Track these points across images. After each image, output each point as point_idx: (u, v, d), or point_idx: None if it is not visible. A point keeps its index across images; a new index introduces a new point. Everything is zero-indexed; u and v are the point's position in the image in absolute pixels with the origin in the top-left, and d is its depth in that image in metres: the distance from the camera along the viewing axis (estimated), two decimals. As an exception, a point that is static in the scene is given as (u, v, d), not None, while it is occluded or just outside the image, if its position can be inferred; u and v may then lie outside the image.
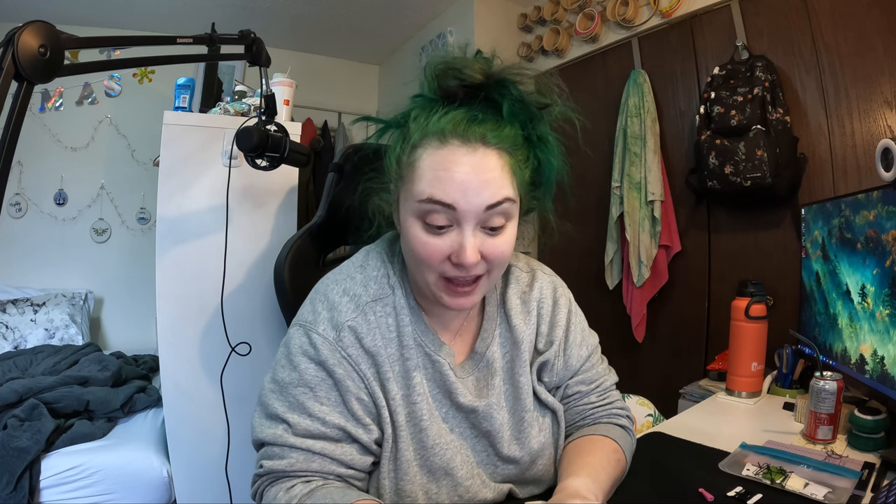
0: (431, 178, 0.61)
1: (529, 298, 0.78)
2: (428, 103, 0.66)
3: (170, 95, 1.66)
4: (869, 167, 1.46)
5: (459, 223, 0.61)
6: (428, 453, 0.67)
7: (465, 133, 0.62)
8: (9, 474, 1.41)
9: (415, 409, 0.67)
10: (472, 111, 0.64)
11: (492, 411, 0.71)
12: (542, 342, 0.76)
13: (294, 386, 0.64)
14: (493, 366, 0.73)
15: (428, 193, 0.60)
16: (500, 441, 0.71)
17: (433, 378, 0.70)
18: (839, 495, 0.74)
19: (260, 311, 1.44)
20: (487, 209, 0.61)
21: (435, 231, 0.62)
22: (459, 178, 0.60)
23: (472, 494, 0.69)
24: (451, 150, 0.61)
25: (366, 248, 0.76)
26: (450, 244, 0.62)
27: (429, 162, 0.62)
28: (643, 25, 2.09)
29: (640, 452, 0.76)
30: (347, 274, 0.71)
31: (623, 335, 2.13)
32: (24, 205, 2.81)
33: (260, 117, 1.19)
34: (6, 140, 0.69)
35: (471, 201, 0.60)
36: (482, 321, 0.75)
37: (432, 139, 0.63)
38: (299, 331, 0.67)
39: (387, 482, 0.65)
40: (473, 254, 0.61)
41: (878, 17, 1.44)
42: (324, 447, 0.63)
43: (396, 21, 2.92)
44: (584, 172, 2.38)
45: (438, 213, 0.61)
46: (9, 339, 2.43)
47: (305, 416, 0.63)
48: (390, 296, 0.69)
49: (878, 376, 0.95)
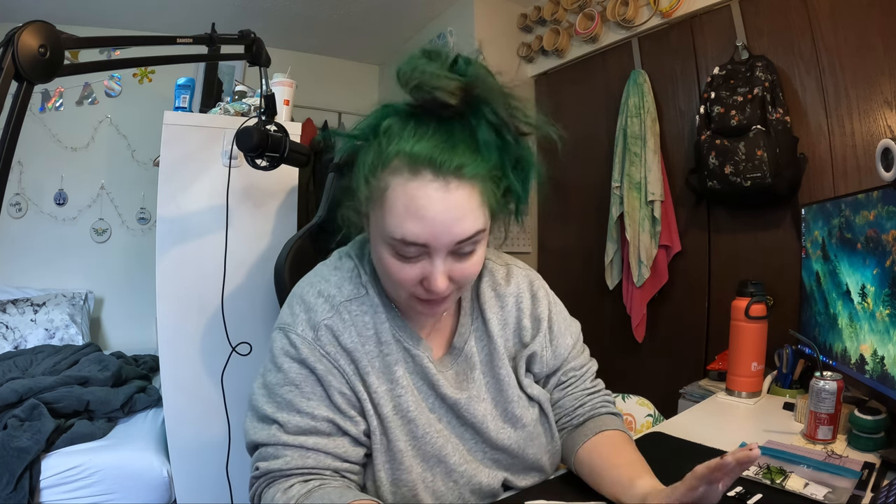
0: (403, 215, 0.58)
1: (505, 293, 0.79)
2: (400, 114, 0.62)
3: (170, 95, 1.66)
4: (869, 167, 1.46)
5: (430, 255, 0.61)
6: (419, 442, 0.68)
7: (439, 164, 0.58)
8: (9, 474, 1.41)
9: (400, 401, 0.68)
10: (447, 134, 0.60)
11: (473, 404, 0.72)
12: (528, 335, 0.78)
13: (280, 386, 0.66)
14: (471, 360, 0.74)
15: (400, 234, 0.59)
16: (487, 430, 0.72)
17: (415, 371, 0.71)
18: (839, 495, 0.74)
19: (260, 310, 1.44)
20: (459, 243, 0.60)
21: (406, 260, 0.61)
22: (431, 218, 0.58)
23: (467, 480, 0.70)
24: (423, 185, 0.58)
25: (338, 251, 0.77)
26: (420, 271, 0.62)
27: (400, 195, 0.59)
28: (643, 25, 2.09)
29: (641, 452, 0.76)
30: (322, 276, 0.72)
31: (623, 335, 2.13)
32: (24, 205, 2.81)
33: (260, 117, 1.19)
34: (6, 140, 0.69)
35: (441, 240, 0.59)
36: (458, 316, 0.76)
37: (403, 167, 0.59)
38: (279, 334, 0.68)
39: (383, 474, 0.66)
40: (443, 282, 0.61)
41: (878, 17, 1.44)
42: (317, 442, 0.64)
43: (396, 21, 2.92)
44: (585, 172, 2.38)
45: (409, 248, 0.60)
46: (9, 339, 2.43)
47: (295, 414, 0.65)
48: (365, 295, 0.71)
49: (878, 376, 0.95)
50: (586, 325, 0.86)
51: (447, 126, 0.61)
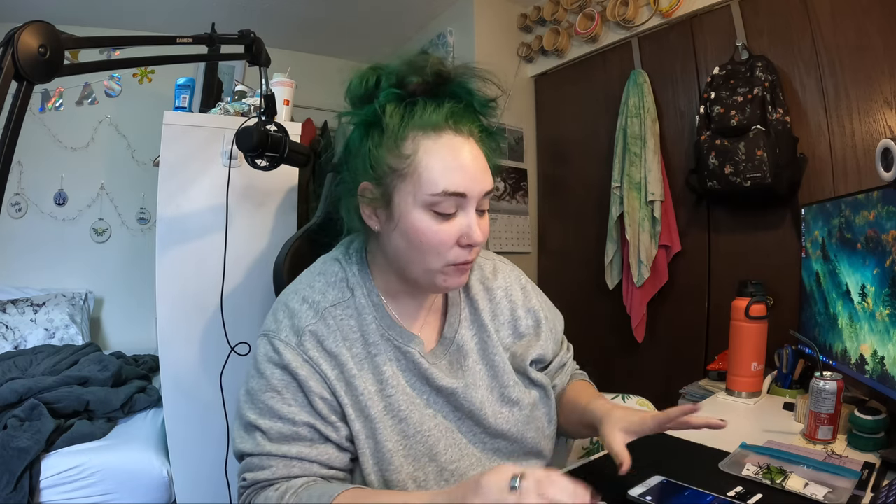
0: (442, 169, 0.64)
1: (494, 286, 0.83)
2: (397, 99, 0.67)
3: (170, 95, 1.66)
4: (869, 167, 1.46)
5: (465, 208, 0.66)
6: (410, 442, 0.69)
7: (455, 126, 0.66)
8: (9, 474, 1.41)
9: (391, 401, 0.69)
10: (451, 104, 0.67)
11: (470, 391, 0.73)
12: (523, 325, 0.82)
13: (262, 392, 0.67)
14: (463, 348, 0.76)
15: (442, 186, 0.63)
16: (486, 417, 0.73)
17: (408, 368, 0.71)
18: (839, 495, 0.74)
19: (260, 310, 1.44)
20: (485, 195, 0.67)
21: (444, 218, 0.65)
22: (466, 166, 0.65)
23: (458, 477, 0.70)
24: (450, 140, 0.65)
25: (322, 257, 0.79)
26: (457, 228, 0.65)
27: (433, 153, 0.64)
28: (643, 25, 2.09)
29: (641, 452, 0.76)
30: (306, 283, 0.74)
31: (623, 335, 2.13)
32: (24, 205, 2.80)
33: (260, 117, 1.19)
34: (6, 140, 0.69)
35: (476, 188, 0.65)
36: (447, 308, 0.78)
37: (428, 132, 0.65)
38: (264, 340, 0.69)
39: (373, 477, 0.67)
40: (480, 232, 0.66)
41: (878, 16, 1.44)
42: (300, 451, 0.65)
43: (396, 21, 2.92)
44: (585, 172, 2.38)
45: (448, 201, 0.64)
46: (9, 339, 2.43)
47: (276, 420, 0.65)
48: (350, 298, 0.72)
49: (878, 376, 0.95)
50: (586, 325, 0.88)
51: (440, 101, 0.67)
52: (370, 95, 0.68)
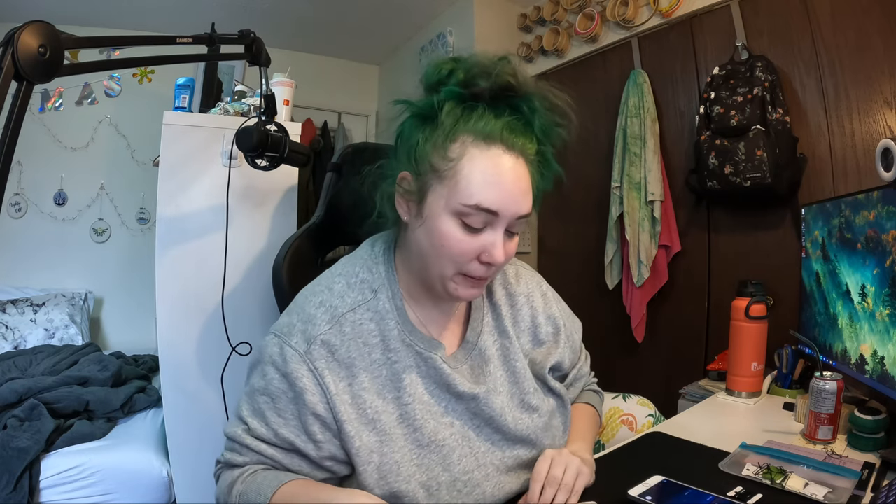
0: (481, 183, 0.62)
1: (516, 292, 0.81)
2: (458, 98, 0.65)
3: (170, 95, 1.66)
4: (869, 167, 1.46)
5: (494, 226, 0.64)
6: (423, 451, 0.67)
7: (508, 141, 0.63)
8: (9, 474, 1.41)
9: (407, 409, 0.68)
10: (510, 118, 0.65)
11: (491, 397, 0.72)
12: (543, 332, 0.81)
13: (259, 393, 0.68)
14: (485, 353, 0.75)
15: (476, 199, 0.62)
16: (505, 422, 0.72)
17: (428, 375, 0.70)
18: (839, 495, 0.74)
19: (260, 310, 1.44)
20: (519, 218, 0.65)
21: (471, 231, 0.64)
22: (506, 187, 0.63)
23: (471, 489, 0.69)
24: (497, 155, 0.63)
25: (345, 258, 0.77)
26: (481, 244, 0.64)
27: (477, 164, 0.63)
28: (643, 25, 2.09)
29: (641, 452, 0.76)
30: (326, 285, 0.72)
31: (623, 335, 2.13)
32: (24, 205, 2.80)
33: (260, 117, 1.19)
34: (6, 140, 0.69)
35: (510, 210, 0.63)
36: (470, 312, 0.77)
37: (478, 140, 0.63)
38: (274, 340, 0.69)
39: (377, 491, 0.65)
40: (503, 253, 0.64)
41: (878, 16, 1.44)
42: (273, 455, 0.67)
43: (396, 21, 2.92)
44: (585, 172, 2.38)
45: (479, 216, 0.63)
46: (9, 339, 2.43)
47: (263, 424, 0.67)
48: (371, 300, 0.70)
49: (878, 376, 0.95)
50: (586, 325, 0.88)
51: (501, 110, 0.65)
52: (438, 86, 0.66)
